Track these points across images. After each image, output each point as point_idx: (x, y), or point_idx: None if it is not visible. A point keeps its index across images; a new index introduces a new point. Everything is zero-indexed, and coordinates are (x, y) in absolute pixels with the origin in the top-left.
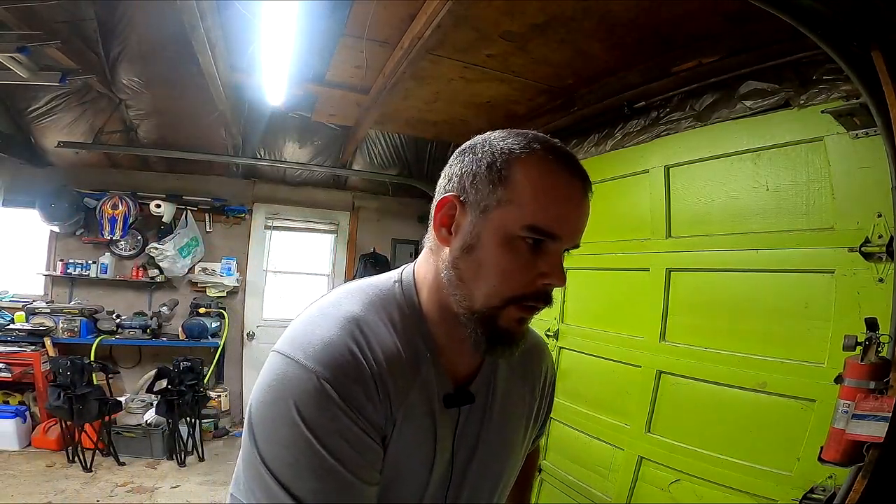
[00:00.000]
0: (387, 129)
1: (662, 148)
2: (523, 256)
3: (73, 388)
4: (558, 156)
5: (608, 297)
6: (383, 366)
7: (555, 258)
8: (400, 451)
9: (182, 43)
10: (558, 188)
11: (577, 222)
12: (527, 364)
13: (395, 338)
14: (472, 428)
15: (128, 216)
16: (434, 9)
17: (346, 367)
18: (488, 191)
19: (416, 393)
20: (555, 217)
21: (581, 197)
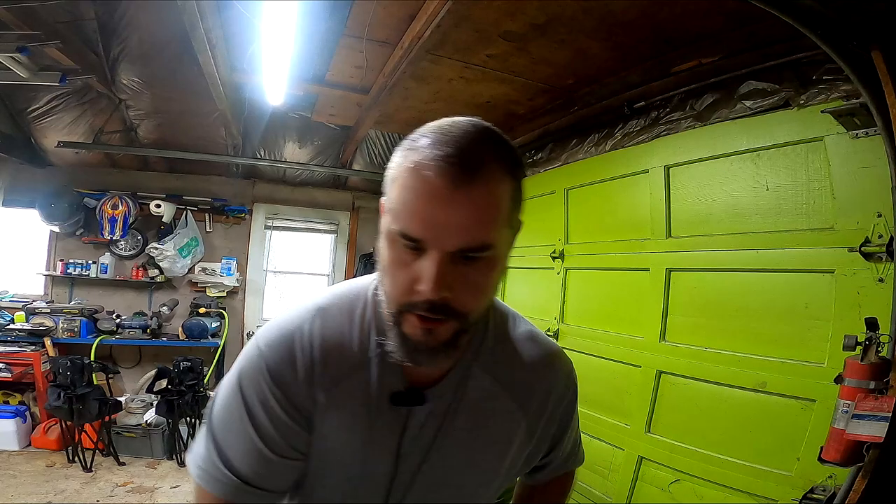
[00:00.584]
0: (387, 129)
1: (662, 148)
2: (403, 258)
3: (73, 388)
4: (436, 141)
5: (608, 297)
6: (319, 352)
7: (427, 262)
8: (329, 436)
9: (182, 43)
10: (419, 185)
11: (441, 221)
12: (520, 378)
13: (352, 330)
14: (428, 433)
15: (128, 216)
16: (434, 9)
17: (282, 348)
18: (387, 193)
19: (352, 383)
20: (416, 220)
21: (445, 190)
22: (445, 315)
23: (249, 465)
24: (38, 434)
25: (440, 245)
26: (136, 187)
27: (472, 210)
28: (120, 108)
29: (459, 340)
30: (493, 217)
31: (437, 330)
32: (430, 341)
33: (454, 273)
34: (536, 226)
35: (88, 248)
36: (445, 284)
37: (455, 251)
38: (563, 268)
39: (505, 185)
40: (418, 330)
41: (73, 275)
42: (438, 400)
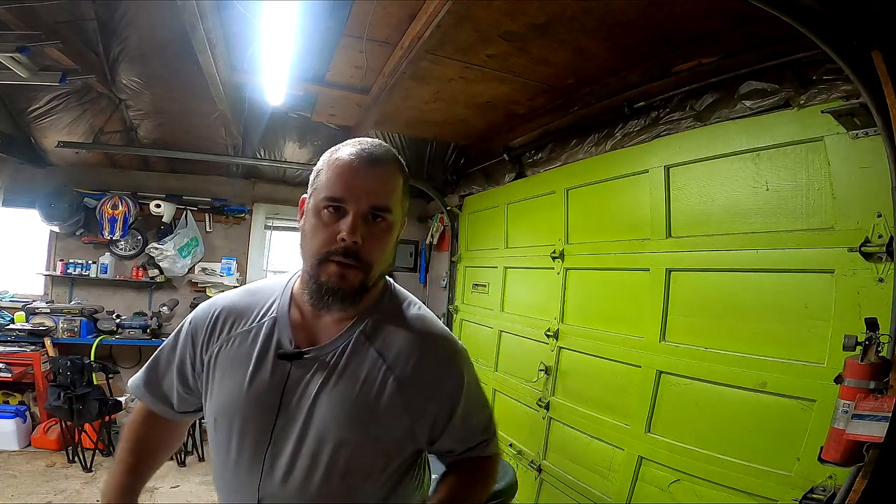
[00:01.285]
0: (387, 129)
1: (662, 148)
2: (326, 221)
3: (73, 388)
4: (352, 146)
5: (608, 297)
6: (227, 312)
7: (347, 217)
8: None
9: (182, 43)
10: (342, 166)
11: (359, 185)
12: (399, 349)
13: (261, 302)
14: (311, 387)
15: (128, 216)
16: (434, 9)
17: (206, 307)
18: (311, 185)
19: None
20: (340, 186)
21: (361, 167)
22: (356, 261)
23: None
24: (38, 434)
25: (356, 204)
26: (136, 187)
27: (378, 181)
28: (120, 108)
29: (362, 292)
30: (391, 189)
31: (348, 275)
32: (342, 286)
33: (364, 228)
34: (536, 226)
35: (88, 248)
36: (358, 233)
37: (366, 210)
38: (563, 268)
39: (399, 176)
40: (334, 276)
41: (73, 275)
42: (318, 358)
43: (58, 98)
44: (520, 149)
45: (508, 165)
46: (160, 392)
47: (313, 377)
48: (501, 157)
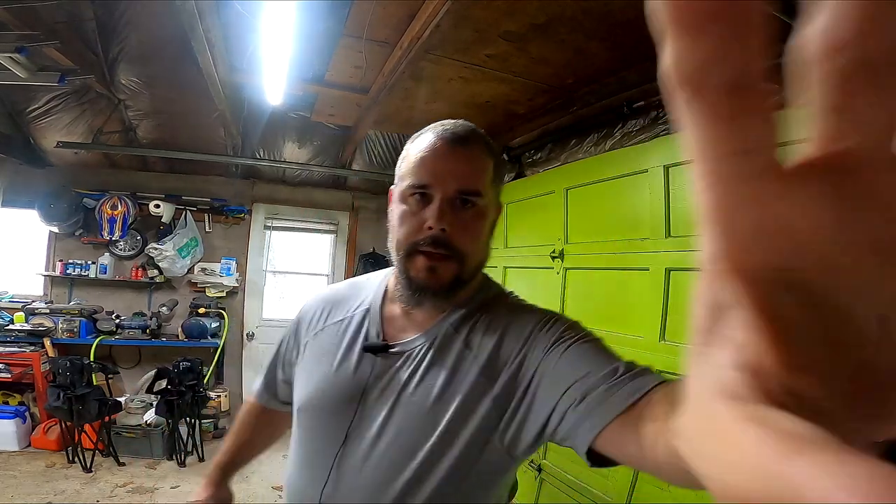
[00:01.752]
0: (386, 129)
1: (662, 147)
2: (412, 209)
3: (73, 388)
4: (434, 128)
5: (607, 296)
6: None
7: (433, 203)
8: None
9: (181, 43)
10: (425, 150)
11: (444, 169)
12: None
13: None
14: (394, 384)
15: (127, 216)
16: (433, 9)
17: (312, 296)
18: (398, 172)
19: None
20: (424, 171)
21: (446, 149)
22: (446, 249)
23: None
24: (37, 434)
25: (442, 189)
26: (136, 187)
27: (465, 163)
28: (119, 109)
29: (457, 287)
30: (481, 171)
31: (439, 268)
32: (434, 281)
33: (452, 215)
34: (536, 225)
35: (88, 248)
36: (446, 220)
37: (454, 194)
38: (562, 267)
39: (488, 158)
40: (423, 270)
41: (72, 275)
42: (405, 354)
43: (57, 98)
44: (519, 149)
45: (508, 165)
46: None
47: (397, 373)
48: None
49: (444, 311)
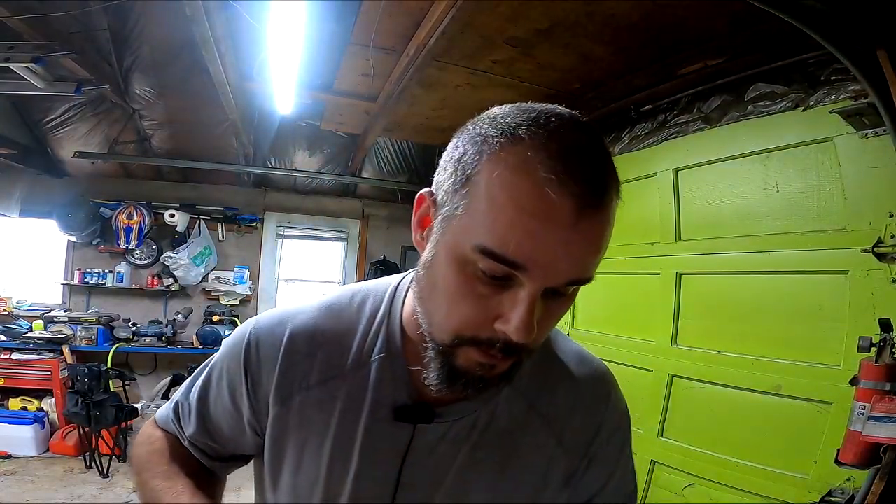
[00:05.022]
0: (395, 136)
1: (670, 151)
2: (478, 288)
3: (91, 394)
4: (550, 149)
5: (619, 301)
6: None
7: (522, 301)
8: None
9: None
10: (531, 199)
11: (562, 250)
12: (564, 408)
13: (358, 330)
14: (441, 464)
15: (143, 226)
16: (438, 16)
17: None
18: (452, 192)
19: (343, 385)
20: (518, 239)
21: (574, 215)
22: (508, 354)
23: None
24: (56, 440)
25: (543, 278)
26: (151, 197)
27: (592, 240)
28: (134, 118)
29: (514, 373)
30: (603, 248)
31: (499, 366)
32: (487, 375)
33: (541, 310)
34: None
35: (105, 257)
36: (534, 326)
37: (555, 286)
38: None
39: (613, 216)
40: (475, 365)
41: (90, 284)
42: (455, 422)
43: (73, 108)
44: None
45: None
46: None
47: (449, 446)
48: None
49: None
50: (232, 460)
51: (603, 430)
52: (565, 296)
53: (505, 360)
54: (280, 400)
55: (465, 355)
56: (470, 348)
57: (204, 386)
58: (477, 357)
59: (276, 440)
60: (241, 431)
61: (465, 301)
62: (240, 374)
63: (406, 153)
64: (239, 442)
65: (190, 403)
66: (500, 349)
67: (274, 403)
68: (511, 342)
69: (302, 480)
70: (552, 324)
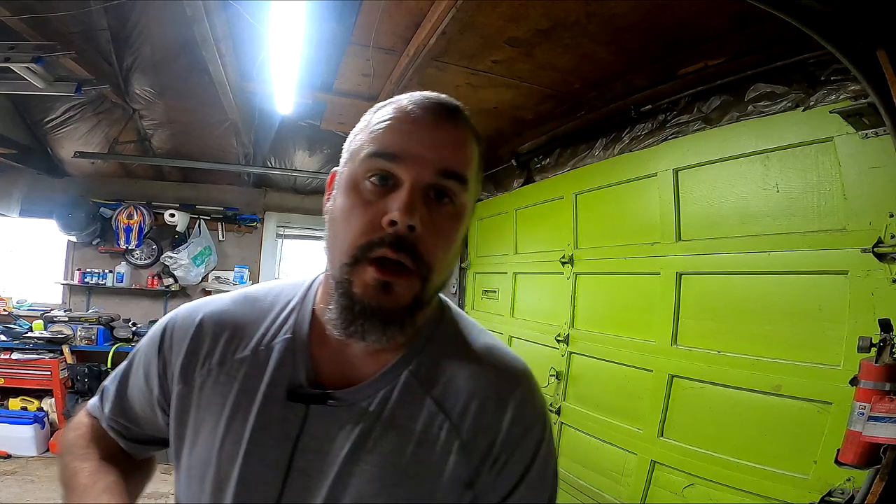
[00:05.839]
0: None
1: (670, 151)
2: (367, 197)
3: (91, 394)
4: (411, 95)
5: (618, 301)
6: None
7: (402, 191)
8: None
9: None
10: (400, 114)
11: (422, 141)
12: (469, 403)
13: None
14: (339, 446)
15: (143, 226)
16: (438, 16)
17: (185, 314)
18: (346, 151)
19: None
20: (391, 138)
21: (426, 117)
22: (410, 256)
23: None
24: (56, 440)
25: (416, 169)
26: (151, 197)
27: (450, 140)
28: (134, 118)
29: (414, 313)
30: (469, 157)
31: (396, 285)
32: (386, 302)
33: (423, 211)
34: (545, 231)
35: (105, 257)
36: (417, 215)
37: (430, 179)
38: (572, 272)
39: (476, 144)
40: (374, 285)
41: (90, 284)
42: (351, 407)
43: (73, 108)
44: (528, 154)
45: (517, 171)
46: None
47: (342, 431)
48: (509, 162)
49: (398, 346)
50: (150, 443)
51: (508, 429)
52: (447, 207)
53: (400, 277)
54: (183, 378)
55: (360, 278)
56: (366, 267)
57: (125, 370)
58: (373, 275)
59: (177, 417)
60: (151, 410)
61: (356, 211)
62: (154, 355)
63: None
64: (152, 422)
65: (111, 386)
66: (391, 244)
67: (177, 382)
68: (401, 234)
69: (196, 460)
70: (442, 239)
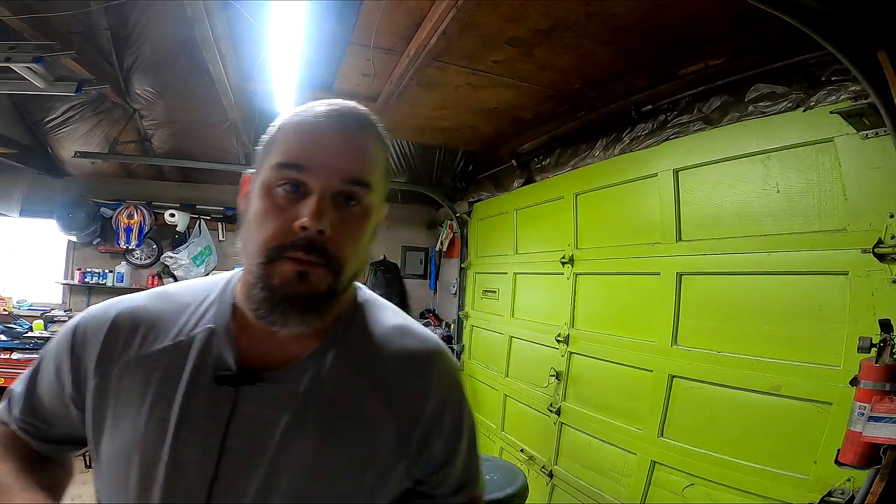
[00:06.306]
0: (395, 136)
1: (671, 151)
2: (280, 203)
3: None
4: (318, 104)
5: (619, 301)
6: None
7: (311, 198)
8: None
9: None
10: (304, 125)
11: (329, 151)
12: (391, 376)
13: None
14: (273, 425)
15: (143, 226)
16: (439, 17)
17: (96, 313)
18: (260, 157)
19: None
20: (301, 149)
21: (331, 128)
22: (321, 256)
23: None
24: None
25: (324, 177)
26: (151, 197)
27: (354, 148)
28: (134, 118)
29: (330, 300)
30: (372, 162)
31: (311, 274)
32: (303, 290)
33: (332, 215)
34: (545, 231)
35: (105, 257)
36: (326, 220)
37: (338, 186)
38: (572, 273)
39: (381, 148)
40: (291, 277)
41: (90, 283)
42: (281, 386)
43: (73, 108)
44: (528, 154)
45: (517, 171)
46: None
47: (275, 411)
48: (510, 162)
49: (317, 332)
50: (63, 442)
51: (433, 397)
52: (355, 208)
53: (315, 268)
54: (100, 372)
55: (278, 270)
56: (281, 262)
57: (33, 371)
58: (289, 267)
59: (95, 411)
60: (64, 408)
61: (269, 216)
62: (66, 353)
63: (406, 153)
64: (64, 420)
65: (19, 389)
66: (303, 247)
67: (93, 376)
68: (311, 238)
69: (118, 448)
70: (351, 237)
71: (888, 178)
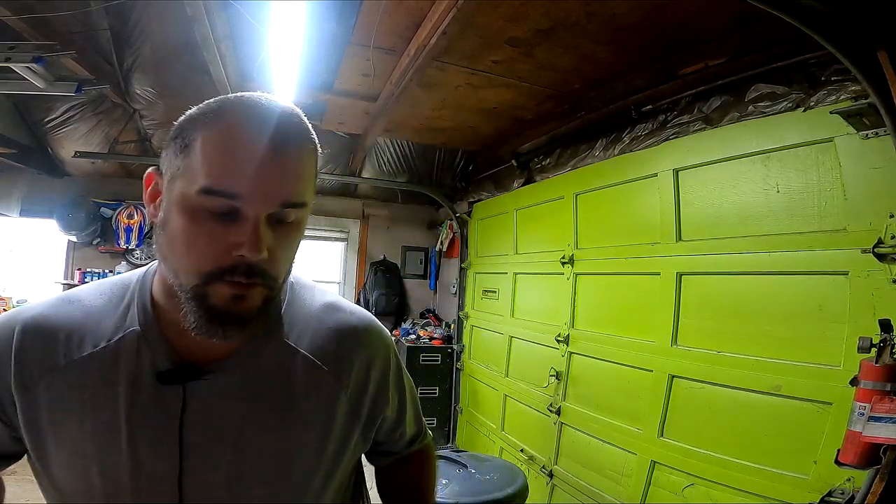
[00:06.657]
0: (395, 136)
1: (671, 151)
2: (208, 226)
3: None
4: (245, 109)
5: (619, 301)
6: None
7: (247, 226)
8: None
9: (194, 52)
10: (234, 141)
11: (261, 179)
12: (331, 349)
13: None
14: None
15: (143, 226)
16: (439, 17)
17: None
18: (175, 161)
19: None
20: (229, 173)
21: (269, 152)
22: (260, 278)
23: None
24: None
25: (260, 204)
26: None
27: (290, 168)
28: (134, 118)
29: (267, 308)
30: (308, 178)
31: (248, 295)
32: (241, 309)
33: (270, 237)
34: (545, 231)
35: (105, 257)
36: (264, 245)
37: (273, 210)
38: (572, 273)
39: (313, 153)
40: (228, 298)
41: None
42: (229, 375)
43: (73, 108)
44: (528, 154)
45: (517, 171)
46: None
47: (228, 400)
48: (510, 162)
49: None
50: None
51: (376, 363)
52: (290, 223)
53: (252, 289)
54: (23, 388)
55: (215, 292)
56: (219, 284)
57: None
58: (227, 290)
59: (31, 426)
60: None
61: (199, 240)
62: None
63: (406, 153)
64: None
65: None
66: (243, 273)
67: (17, 393)
68: (251, 263)
69: (68, 458)
70: (287, 252)
71: (888, 178)
